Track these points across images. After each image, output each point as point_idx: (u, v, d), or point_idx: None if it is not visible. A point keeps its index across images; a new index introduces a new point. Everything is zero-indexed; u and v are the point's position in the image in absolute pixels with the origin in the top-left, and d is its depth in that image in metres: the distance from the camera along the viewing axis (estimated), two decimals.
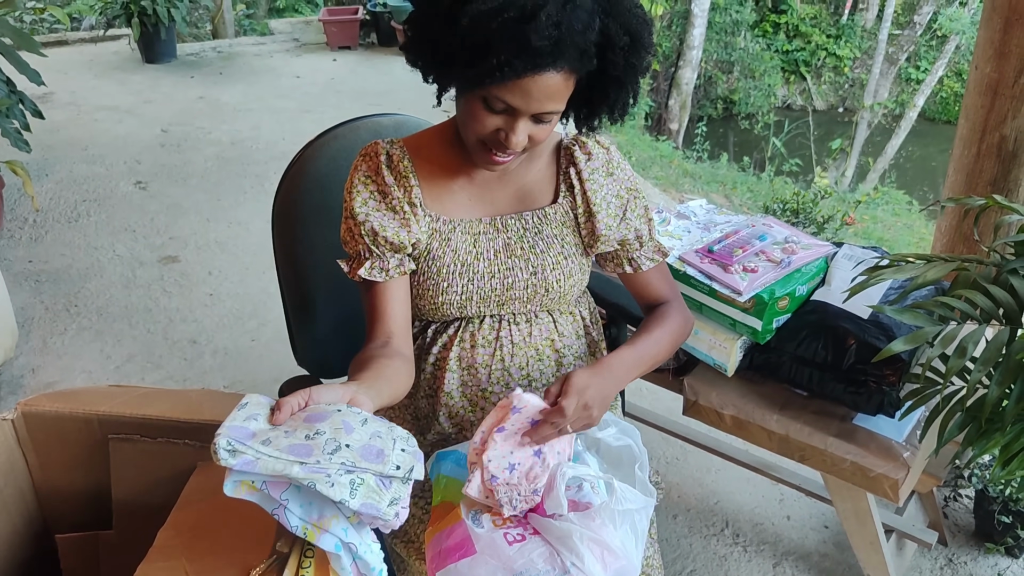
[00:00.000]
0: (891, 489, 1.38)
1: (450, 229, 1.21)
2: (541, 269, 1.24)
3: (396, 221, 1.19)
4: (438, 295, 1.21)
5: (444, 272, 1.20)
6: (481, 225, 1.23)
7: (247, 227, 3.63)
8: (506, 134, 1.09)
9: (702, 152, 9.45)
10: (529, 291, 1.24)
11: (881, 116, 11.82)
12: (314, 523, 0.86)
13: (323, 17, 6.30)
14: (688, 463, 2.26)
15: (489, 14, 0.97)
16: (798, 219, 3.43)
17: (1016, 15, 1.61)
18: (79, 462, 1.14)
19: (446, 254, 1.21)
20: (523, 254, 1.23)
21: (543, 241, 1.25)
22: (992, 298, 1.24)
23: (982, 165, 1.75)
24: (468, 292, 1.21)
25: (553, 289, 1.25)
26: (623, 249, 1.30)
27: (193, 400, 1.15)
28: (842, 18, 12.96)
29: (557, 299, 1.27)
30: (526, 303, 1.25)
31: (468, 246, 1.22)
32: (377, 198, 1.19)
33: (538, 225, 1.25)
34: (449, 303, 1.22)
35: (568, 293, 1.27)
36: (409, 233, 1.19)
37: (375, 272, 1.19)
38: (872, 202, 7.98)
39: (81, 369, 2.66)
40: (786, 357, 1.52)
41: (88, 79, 5.59)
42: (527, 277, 1.23)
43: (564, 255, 1.25)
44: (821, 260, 1.59)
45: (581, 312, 1.36)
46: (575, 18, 0.99)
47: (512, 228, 1.24)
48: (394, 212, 1.19)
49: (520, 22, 0.97)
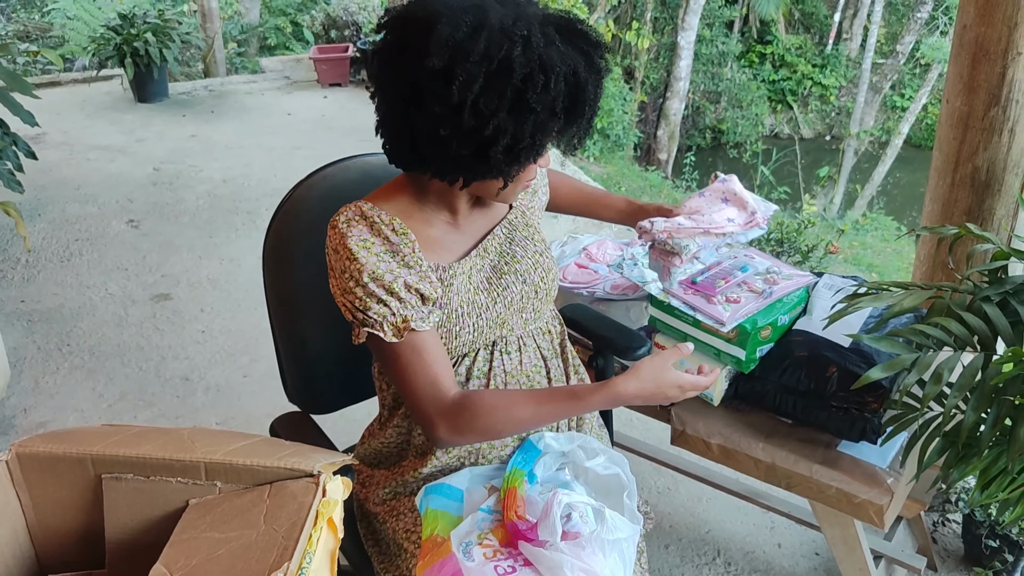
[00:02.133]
0: (876, 515, 1.40)
1: (451, 275, 1.22)
2: (527, 274, 1.29)
3: (415, 275, 1.16)
4: (451, 340, 1.22)
5: (455, 316, 1.21)
6: (470, 260, 1.26)
7: (239, 264, 3.66)
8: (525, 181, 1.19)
9: (691, 181, 9.56)
10: (524, 301, 1.28)
11: (867, 143, 11.96)
12: None
13: (314, 55, 6.38)
14: (679, 493, 2.27)
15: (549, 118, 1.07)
16: (782, 248, 3.47)
17: (983, 51, 1.66)
18: (72, 502, 1.15)
19: (452, 299, 1.21)
20: (509, 268, 1.28)
21: (519, 248, 1.30)
22: (967, 325, 1.27)
23: (956, 195, 1.79)
24: (479, 327, 1.24)
25: (540, 289, 1.30)
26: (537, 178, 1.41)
27: (185, 438, 1.16)
28: (826, 48, 13.18)
29: (544, 298, 1.32)
30: (520, 313, 1.28)
31: (466, 284, 1.24)
32: (389, 256, 1.15)
33: (509, 234, 1.31)
34: (462, 344, 1.23)
35: (551, 289, 1.33)
36: (431, 283, 1.17)
37: (420, 323, 1.14)
38: (861, 229, 8.06)
39: (73, 408, 2.66)
40: (770, 386, 1.54)
41: (80, 119, 5.64)
42: (520, 287, 1.28)
43: (539, 252, 1.32)
44: (802, 290, 1.62)
45: (552, 325, 1.39)
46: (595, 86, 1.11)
47: (492, 248, 1.28)
48: (410, 267, 1.16)
49: (573, 115, 1.10)
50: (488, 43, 1.01)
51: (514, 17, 1.04)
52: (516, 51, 1.01)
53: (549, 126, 1.08)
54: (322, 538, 1.01)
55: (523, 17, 1.04)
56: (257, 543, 1.00)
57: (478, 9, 1.03)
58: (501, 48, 1.01)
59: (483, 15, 1.02)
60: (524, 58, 1.01)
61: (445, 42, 1.01)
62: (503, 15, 1.03)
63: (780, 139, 12.94)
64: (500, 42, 1.01)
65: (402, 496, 1.31)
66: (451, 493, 1.22)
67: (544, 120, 1.06)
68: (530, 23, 1.04)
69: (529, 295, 1.28)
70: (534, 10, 1.08)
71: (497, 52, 1.01)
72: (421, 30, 1.02)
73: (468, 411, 1.15)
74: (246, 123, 5.67)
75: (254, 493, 1.09)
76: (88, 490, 1.14)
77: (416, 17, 1.05)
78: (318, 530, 1.01)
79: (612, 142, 10.07)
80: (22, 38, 7.69)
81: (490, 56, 1.01)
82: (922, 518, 1.94)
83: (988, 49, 1.66)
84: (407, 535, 1.25)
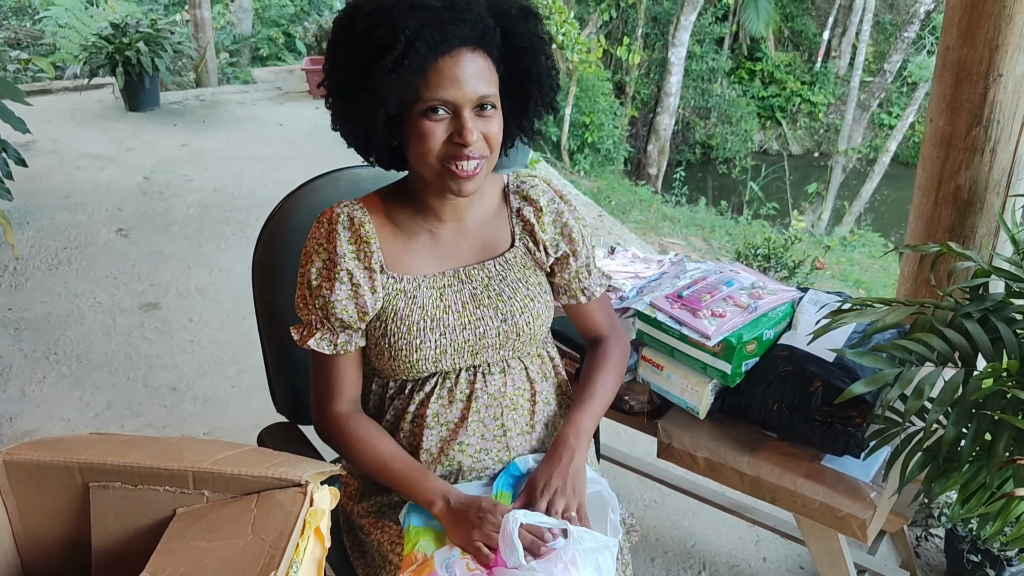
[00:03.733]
0: (859, 529, 1.41)
1: (415, 287, 1.24)
2: (511, 315, 1.27)
3: (345, 292, 1.21)
4: (412, 352, 1.23)
5: (415, 329, 1.22)
6: (445, 278, 1.26)
7: (228, 273, 3.66)
8: (460, 132, 1.12)
9: (681, 196, 9.60)
10: (501, 338, 1.27)
11: (856, 160, 12.07)
12: None
13: (306, 66, 6.40)
14: (665, 506, 2.28)
15: (384, 11, 1.08)
16: (769, 264, 3.50)
17: (965, 72, 1.69)
18: (59, 510, 1.15)
19: (414, 311, 1.23)
20: (491, 302, 1.27)
21: (509, 287, 1.28)
22: (948, 341, 1.29)
23: (940, 213, 1.82)
24: (442, 346, 1.24)
25: (524, 332, 1.28)
26: (576, 279, 1.36)
27: (173, 447, 1.16)
28: (815, 65, 13.29)
29: (528, 342, 1.30)
30: (499, 350, 1.28)
31: (435, 300, 1.24)
32: (328, 268, 1.21)
33: (502, 272, 1.29)
34: (424, 359, 1.24)
35: (537, 334, 1.31)
36: (357, 305, 1.21)
37: (323, 344, 1.24)
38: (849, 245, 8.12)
39: (60, 417, 2.65)
40: (756, 400, 1.55)
41: (71, 127, 5.64)
42: (498, 324, 1.26)
43: (530, 297, 1.30)
44: (787, 305, 1.64)
45: (549, 352, 1.39)
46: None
47: (476, 278, 1.28)
48: (343, 283, 1.21)
49: (413, 7, 1.08)
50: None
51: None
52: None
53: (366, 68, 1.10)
54: (309, 547, 1.02)
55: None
56: (244, 552, 1.01)
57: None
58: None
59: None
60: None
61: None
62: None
63: (769, 155, 13.03)
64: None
65: (387, 508, 1.32)
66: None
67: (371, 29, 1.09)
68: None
69: (509, 335, 1.28)
70: None
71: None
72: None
73: (339, 430, 1.27)
74: (237, 133, 5.68)
75: (241, 502, 1.09)
76: (75, 498, 1.14)
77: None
78: (305, 539, 1.02)
79: (603, 156, 10.12)
80: (13, 45, 7.68)
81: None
82: (905, 533, 1.95)
83: (970, 70, 1.69)
84: (392, 547, 1.26)
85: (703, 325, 1.54)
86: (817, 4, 13.71)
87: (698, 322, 1.55)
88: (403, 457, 1.25)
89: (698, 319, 1.55)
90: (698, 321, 1.55)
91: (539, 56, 1.18)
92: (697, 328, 1.54)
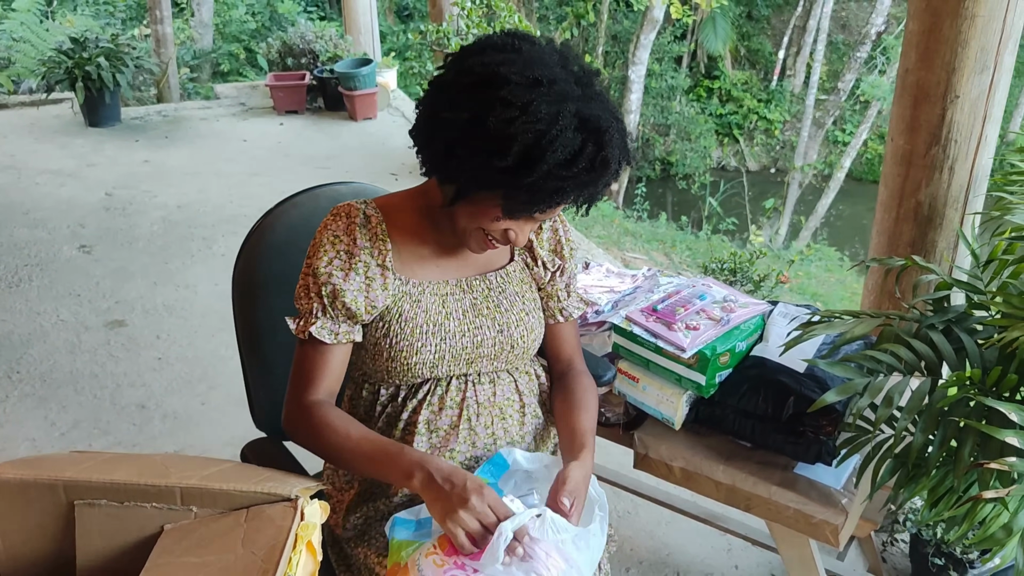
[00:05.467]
0: (832, 534, 1.45)
1: (420, 291, 1.27)
2: (507, 327, 1.31)
3: (358, 284, 1.23)
4: (412, 355, 1.25)
5: (417, 332, 1.25)
6: (448, 287, 1.30)
7: (195, 290, 3.62)
8: (516, 235, 1.20)
9: (642, 212, 9.71)
10: (496, 348, 1.30)
11: (811, 176, 12.32)
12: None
13: (270, 82, 6.37)
14: (639, 516, 2.31)
15: (566, 164, 1.07)
16: (736, 278, 3.58)
17: (923, 94, 1.77)
18: (42, 529, 1.14)
19: (418, 315, 1.26)
20: (489, 313, 1.30)
21: (507, 300, 1.32)
22: (914, 351, 1.35)
23: (901, 228, 1.89)
24: (440, 351, 1.27)
25: (518, 345, 1.32)
26: (555, 298, 1.40)
27: (159, 463, 1.16)
28: (771, 84, 13.57)
29: (521, 355, 1.34)
30: (492, 360, 1.31)
31: (437, 306, 1.28)
32: (343, 258, 1.23)
33: (501, 285, 1.33)
34: (422, 363, 1.26)
35: (531, 348, 1.35)
36: (367, 298, 1.24)
37: (324, 333, 1.24)
38: (806, 259, 8.29)
39: (24, 437, 2.61)
40: (729, 410, 1.59)
41: (28, 142, 5.54)
42: (494, 335, 1.30)
43: (526, 311, 1.34)
44: (758, 317, 1.69)
45: (536, 370, 1.42)
46: (622, 158, 1.14)
47: (478, 289, 1.32)
48: (358, 275, 1.23)
49: (592, 171, 1.10)
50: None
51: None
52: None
53: (490, 164, 1.09)
54: (302, 561, 1.03)
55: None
56: (236, 566, 1.01)
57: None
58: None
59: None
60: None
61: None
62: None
63: (727, 171, 13.26)
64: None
65: (373, 521, 1.32)
66: (423, 524, 1.22)
67: (486, 159, 1.09)
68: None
69: (504, 345, 1.31)
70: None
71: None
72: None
73: (310, 416, 1.24)
74: (201, 149, 5.62)
75: (230, 518, 1.10)
76: (59, 517, 1.13)
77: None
78: (298, 553, 1.02)
79: None
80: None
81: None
82: (872, 539, 2.01)
83: (928, 92, 1.76)
84: (379, 560, 1.26)
85: (678, 338, 1.57)
86: (772, 24, 14.04)
87: (673, 335, 1.58)
88: (376, 437, 1.22)
89: (673, 332, 1.59)
90: (673, 334, 1.59)
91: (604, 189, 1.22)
92: (672, 341, 1.58)
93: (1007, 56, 1.73)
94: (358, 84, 5.96)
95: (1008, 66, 1.75)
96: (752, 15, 13.92)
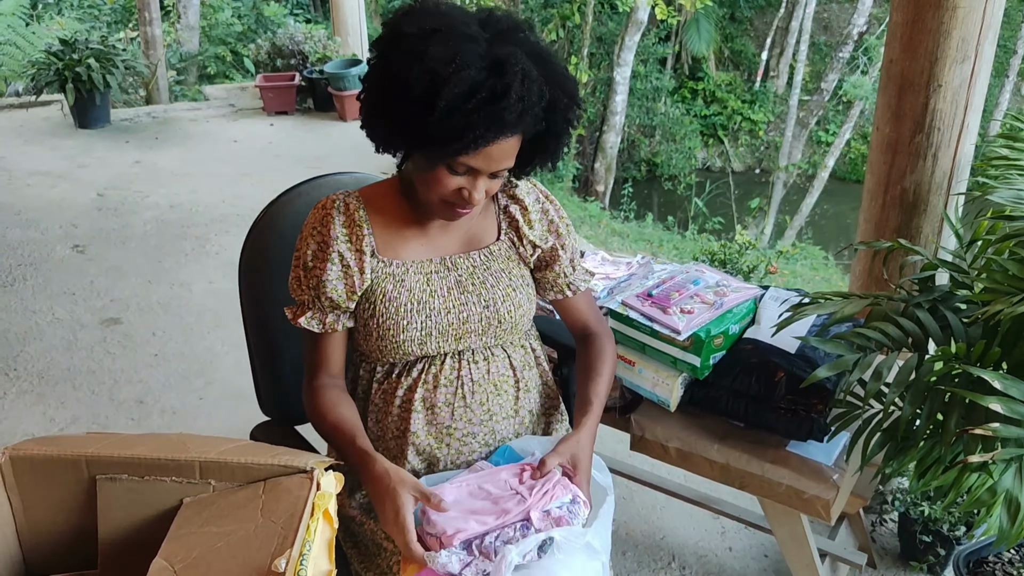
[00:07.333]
0: (823, 509, 1.50)
1: (403, 271, 1.32)
2: (493, 302, 1.34)
3: (336, 273, 1.28)
4: (399, 333, 1.29)
5: (402, 311, 1.29)
6: (432, 265, 1.34)
7: (190, 288, 3.65)
8: (469, 192, 1.22)
9: (628, 212, 9.76)
10: (483, 324, 1.34)
11: (795, 176, 12.42)
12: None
13: (259, 83, 6.38)
14: (635, 501, 2.36)
15: (463, 97, 1.11)
16: (726, 268, 3.64)
17: (908, 83, 1.83)
18: (65, 504, 1.17)
19: (401, 293, 1.30)
20: (475, 289, 1.34)
21: (492, 276, 1.36)
22: (902, 329, 1.40)
23: (887, 215, 1.94)
24: (427, 328, 1.30)
25: (506, 320, 1.35)
26: (561, 275, 1.44)
27: (176, 441, 1.20)
28: (755, 85, 13.67)
29: (510, 330, 1.37)
30: (481, 336, 1.35)
31: (422, 284, 1.32)
32: (322, 249, 1.29)
33: (486, 262, 1.37)
34: (410, 340, 1.30)
35: (519, 323, 1.38)
36: (347, 285, 1.29)
37: (313, 323, 1.32)
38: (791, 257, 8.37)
39: (23, 433, 2.62)
40: (723, 391, 1.64)
41: (18, 144, 5.53)
42: (481, 311, 1.33)
43: (513, 287, 1.37)
44: (750, 301, 1.74)
45: (531, 344, 1.46)
46: (533, 91, 1.15)
47: (462, 266, 1.35)
48: (334, 264, 1.28)
49: (492, 102, 1.12)
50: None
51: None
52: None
53: (403, 117, 1.15)
54: (319, 528, 1.06)
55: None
56: (256, 535, 1.05)
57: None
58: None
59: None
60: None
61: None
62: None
63: (712, 172, 13.34)
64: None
65: None
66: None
67: (399, 113, 1.15)
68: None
69: (492, 321, 1.35)
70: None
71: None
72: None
73: (313, 398, 1.34)
74: (191, 150, 5.64)
75: (248, 490, 1.13)
76: (81, 491, 1.17)
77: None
78: (315, 521, 1.06)
79: (552, 174, 10.25)
80: None
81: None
82: (862, 517, 2.06)
83: (912, 81, 1.82)
84: (386, 535, 1.30)
85: (673, 321, 1.62)
86: (755, 26, 14.15)
87: (668, 318, 1.63)
88: (346, 432, 1.28)
89: (668, 315, 1.64)
90: (668, 317, 1.64)
91: (563, 139, 1.27)
92: (668, 324, 1.62)
93: (987, 46, 1.79)
94: (347, 85, 6.00)
95: (988, 56, 1.81)
96: (735, 16, 14.02)
